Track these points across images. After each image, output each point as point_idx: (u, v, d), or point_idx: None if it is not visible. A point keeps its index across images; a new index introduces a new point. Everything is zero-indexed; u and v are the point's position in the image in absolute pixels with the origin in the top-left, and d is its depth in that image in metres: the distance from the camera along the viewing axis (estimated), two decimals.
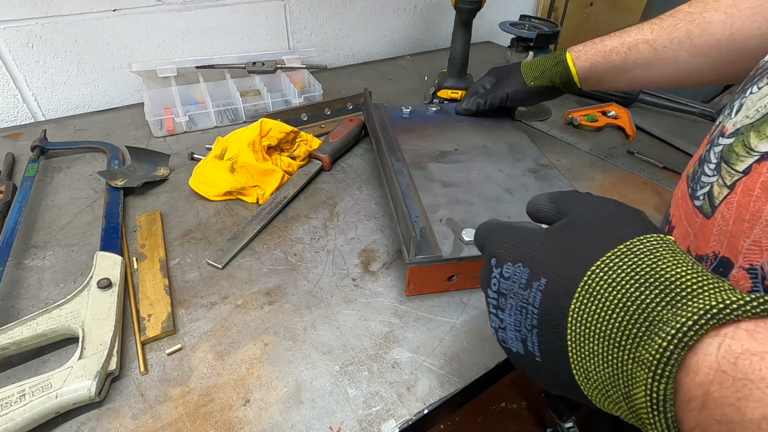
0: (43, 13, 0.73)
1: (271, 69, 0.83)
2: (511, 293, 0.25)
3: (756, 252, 0.24)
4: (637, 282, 0.20)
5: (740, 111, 0.29)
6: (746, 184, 0.25)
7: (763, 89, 0.27)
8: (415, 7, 1.13)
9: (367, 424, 0.35)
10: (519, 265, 0.25)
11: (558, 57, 0.61)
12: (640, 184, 0.66)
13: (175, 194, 0.61)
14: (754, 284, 0.24)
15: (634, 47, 0.54)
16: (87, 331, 0.39)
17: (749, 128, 0.27)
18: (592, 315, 0.21)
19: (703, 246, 0.28)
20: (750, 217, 0.24)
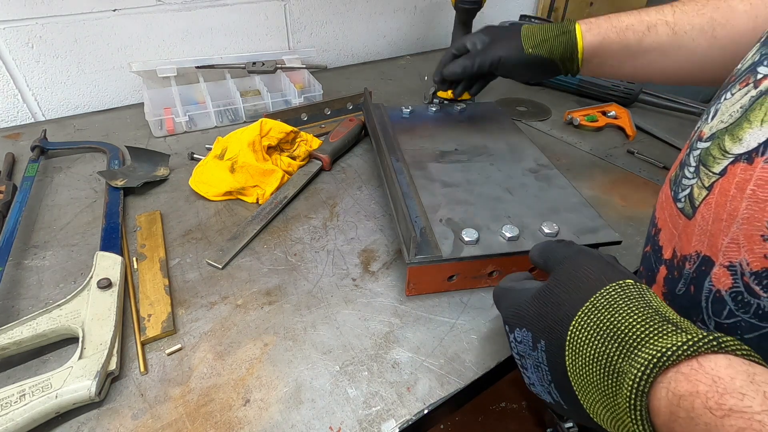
0: (43, 13, 0.73)
1: (271, 69, 0.83)
2: (526, 355, 0.29)
3: (734, 249, 0.25)
4: (602, 337, 0.23)
5: (716, 116, 0.30)
6: (722, 185, 0.26)
7: (736, 95, 0.28)
8: (415, 7, 1.13)
9: (367, 424, 0.35)
10: (524, 329, 0.29)
11: (565, 26, 0.53)
12: (640, 184, 0.66)
13: (175, 194, 0.61)
14: (734, 280, 0.25)
15: (653, 28, 0.49)
16: (87, 331, 0.39)
17: (724, 132, 0.28)
18: (580, 370, 0.24)
19: (687, 246, 0.29)
20: (727, 217, 0.26)
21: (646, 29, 0.49)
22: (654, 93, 0.88)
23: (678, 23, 0.48)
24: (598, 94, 0.89)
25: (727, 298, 0.25)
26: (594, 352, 0.23)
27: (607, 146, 0.76)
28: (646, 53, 0.50)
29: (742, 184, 0.25)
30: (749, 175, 0.25)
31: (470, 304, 0.46)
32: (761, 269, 0.23)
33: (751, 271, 0.24)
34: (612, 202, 0.62)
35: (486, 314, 0.45)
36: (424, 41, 1.21)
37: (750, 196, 0.24)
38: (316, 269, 0.49)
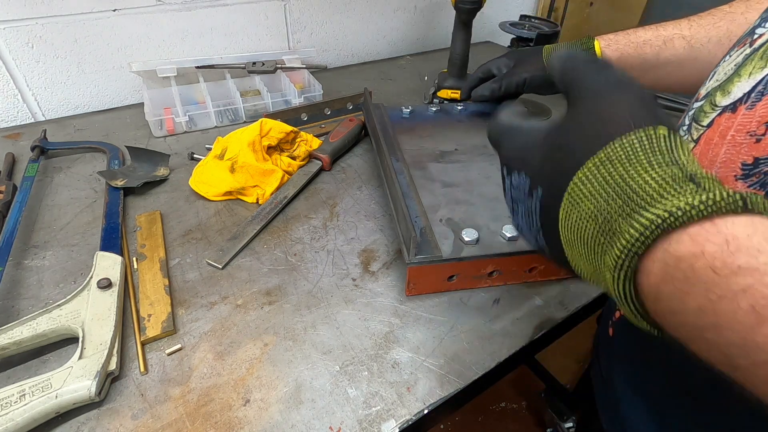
0: (43, 13, 0.73)
1: (271, 69, 0.83)
2: (519, 200, 0.28)
3: None
4: (606, 193, 0.21)
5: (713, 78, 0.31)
6: (707, 135, 0.28)
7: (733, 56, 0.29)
8: (415, 7, 1.13)
9: (367, 424, 0.35)
10: (522, 174, 0.27)
11: (585, 43, 0.56)
12: None
13: (175, 194, 0.61)
14: None
15: (669, 42, 0.50)
16: (87, 331, 0.39)
17: (716, 89, 0.29)
18: (573, 224, 0.23)
19: None
20: (708, 163, 0.27)
21: (662, 43, 0.51)
22: (654, 93, 0.88)
23: (694, 36, 0.49)
24: None
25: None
26: (593, 207, 0.21)
27: None
28: (664, 66, 0.52)
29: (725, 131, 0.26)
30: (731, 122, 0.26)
31: (470, 304, 0.46)
32: None
33: None
34: None
35: (486, 314, 0.45)
36: (424, 41, 1.21)
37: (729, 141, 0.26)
38: (316, 269, 0.49)
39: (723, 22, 0.48)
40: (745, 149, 0.25)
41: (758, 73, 0.26)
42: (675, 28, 0.51)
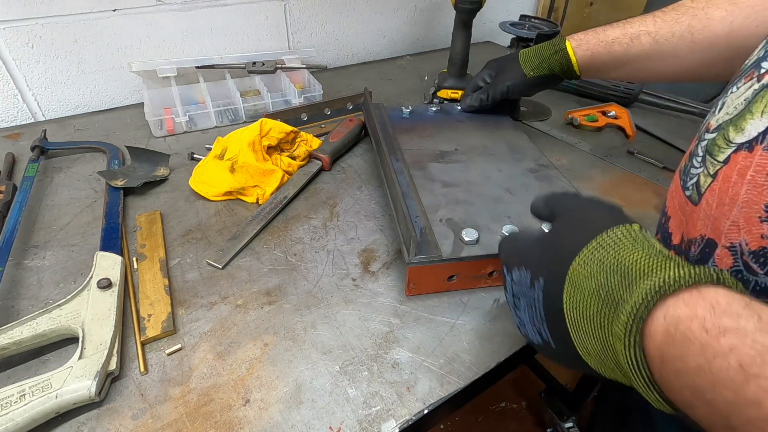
0: (43, 13, 0.73)
1: (271, 69, 0.83)
2: (521, 294, 0.31)
3: (735, 231, 0.26)
4: (605, 271, 0.24)
5: (722, 109, 0.31)
6: (725, 172, 0.28)
7: (741, 89, 0.30)
8: (415, 7, 1.13)
9: (367, 424, 0.35)
10: (522, 268, 0.30)
11: (557, 45, 0.60)
12: (640, 184, 0.66)
13: (175, 194, 0.61)
14: (735, 260, 0.26)
15: (636, 38, 0.54)
16: (87, 331, 0.39)
17: (728, 123, 0.29)
18: (578, 303, 0.25)
19: (692, 231, 0.31)
20: (729, 201, 0.27)
21: (629, 40, 0.55)
22: (654, 93, 0.88)
23: (659, 32, 0.52)
24: (598, 94, 0.89)
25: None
26: (595, 284, 0.24)
27: (607, 146, 0.76)
28: (633, 61, 0.55)
29: (743, 170, 0.26)
30: (749, 161, 0.26)
31: (470, 304, 0.46)
32: (758, 248, 0.25)
33: (749, 251, 0.25)
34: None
35: (486, 314, 0.45)
36: (424, 41, 1.21)
37: (749, 181, 0.26)
38: (316, 269, 0.49)
39: (685, 17, 0.50)
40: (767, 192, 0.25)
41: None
42: (641, 25, 0.54)
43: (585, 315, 0.25)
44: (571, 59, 0.58)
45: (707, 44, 0.49)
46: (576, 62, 0.58)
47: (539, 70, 0.61)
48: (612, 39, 0.56)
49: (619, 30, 0.56)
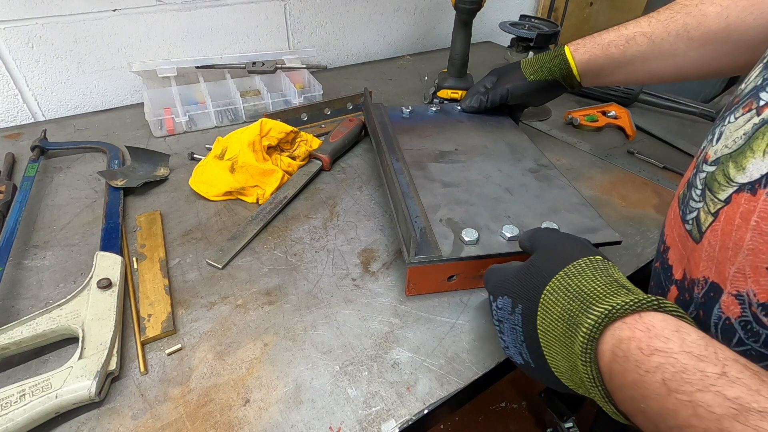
0: (43, 13, 0.73)
1: (271, 69, 0.83)
2: (505, 319, 0.34)
3: (741, 279, 0.26)
4: (569, 298, 0.28)
5: (720, 139, 0.30)
6: (728, 214, 0.27)
7: (739, 120, 0.29)
8: (415, 7, 1.13)
9: (367, 424, 0.35)
10: (505, 296, 0.34)
11: (556, 51, 0.61)
12: (640, 184, 0.66)
13: (175, 194, 0.61)
14: (743, 309, 0.26)
15: (632, 40, 0.54)
16: (87, 331, 0.39)
17: (728, 158, 0.28)
18: (548, 326, 0.29)
19: (695, 270, 0.30)
20: (733, 246, 0.26)
21: (625, 42, 0.55)
22: (654, 93, 0.88)
23: (654, 32, 0.52)
24: (598, 94, 0.89)
25: (737, 326, 0.26)
26: (561, 309, 0.28)
27: (607, 146, 0.76)
28: (631, 62, 0.56)
29: (747, 214, 0.26)
30: (753, 206, 0.25)
31: (470, 304, 0.46)
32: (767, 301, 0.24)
33: (758, 302, 0.25)
34: (612, 202, 0.62)
35: (486, 314, 0.45)
36: (424, 41, 1.21)
37: (754, 227, 0.25)
38: (316, 269, 0.49)
39: (679, 16, 0.51)
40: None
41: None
42: (636, 27, 0.54)
43: (554, 337, 0.28)
44: (570, 63, 0.59)
45: (704, 41, 0.49)
46: (575, 66, 0.59)
47: (539, 74, 0.62)
48: (608, 41, 0.56)
49: (614, 33, 0.56)
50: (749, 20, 0.45)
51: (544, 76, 0.61)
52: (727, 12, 0.47)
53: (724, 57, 0.49)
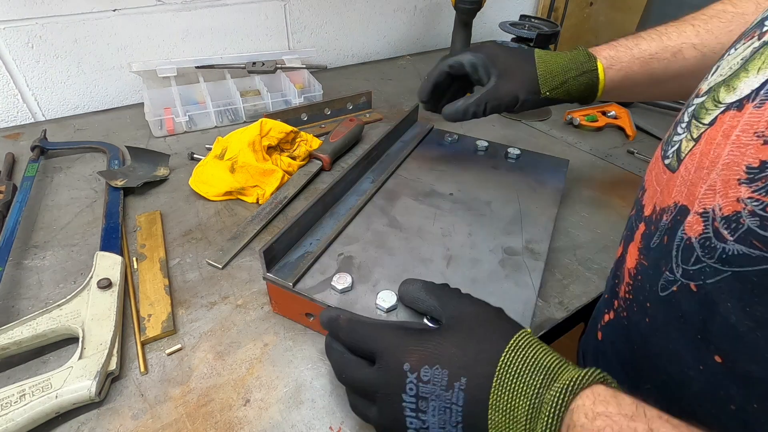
0: (43, 13, 0.73)
1: (271, 69, 0.83)
2: (433, 395, 0.28)
3: (710, 196, 0.25)
4: (530, 370, 0.26)
5: (716, 71, 0.29)
6: (709, 134, 0.26)
7: (739, 49, 0.28)
8: (415, 7, 1.13)
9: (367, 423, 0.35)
10: (437, 367, 0.28)
11: (585, 65, 0.47)
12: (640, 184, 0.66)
13: (175, 194, 0.61)
14: (705, 226, 0.25)
15: (678, 53, 0.45)
16: (87, 331, 0.39)
17: (720, 84, 0.27)
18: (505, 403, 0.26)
19: (666, 199, 0.30)
20: (709, 164, 0.26)
21: (671, 56, 0.46)
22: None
23: (705, 44, 0.44)
24: None
25: (696, 245, 0.26)
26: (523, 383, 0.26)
27: (607, 146, 0.76)
28: (674, 79, 0.47)
29: (729, 130, 0.25)
30: (737, 121, 0.24)
31: None
32: (732, 213, 0.24)
33: (722, 216, 0.24)
34: (612, 202, 0.62)
35: None
36: (424, 41, 1.21)
37: (734, 141, 0.24)
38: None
39: (734, 25, 0.43)
40: (751, 151, 0.23)
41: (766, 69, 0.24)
42: (680, 36, 0.45)
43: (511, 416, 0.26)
44: (599, 84, 0.47)
45: None
46: (603, 86, 0.48)
47: (557, 92, 0.48)
48: (650, 54, 0.46)
49: (656, 43, 0.46)
50: None
51: (561, 95, 0.48)
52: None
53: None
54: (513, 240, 0.47)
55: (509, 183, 0.56)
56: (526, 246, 0.47)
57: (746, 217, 0.23)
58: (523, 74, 0.48)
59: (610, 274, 0.40)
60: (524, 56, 0.49)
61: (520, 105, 0.48)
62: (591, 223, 0.57)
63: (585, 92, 0.48)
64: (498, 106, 0.49)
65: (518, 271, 0.43)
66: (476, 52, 0.50)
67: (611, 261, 0.52)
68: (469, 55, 0.49)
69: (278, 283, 0.40)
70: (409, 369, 0.28)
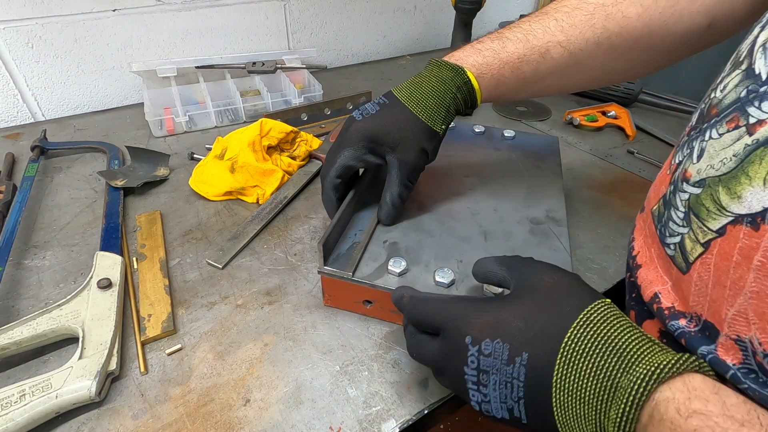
0: (43, 13, 0.73)
1: (271, 69, 0.83)
2: (494, 369, 0.27)
3: (743, 324, 0.23)
4: (601, 351, 0.24)
5: (702, 157, 0.27)
6: (722, 248, 0.24)
7: (725, 137, 0.26)
8: (415, 7, 1.13)
9: (367, 424, 0.35)
10: (498, 341, 0.27)
11: (455, 80, 0.44)
12: (640, 184, 0.66)
13: (175, 194, 0.61)
14: (745, 356, 0.23)
15: (546, 54, 0.43)
16: (87, 331, 0.39)
17: (717, 182, 0.26)
18: (571, 384, 0.24)
19: (683, 303, 0.28)
20: (731, 285, 0.24)
21: (539, 57, 0.44)
22: (654, 93, 0.88)
23: (571, 41, 0.43)
24: (597, 93, 0.89)
25: (738, 374, 0.24)
26: (591, 365, 0.24)
27: (607, 146, 0.76)
28: (543, 79, 0.45)
29: (747, 252, 0.23)
30: (755, 243, 0.23)
31: None
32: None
33: (764, 352, 0.22)
34: (612, 202, 0.62)
35: None
36: (424, 41, 1.21)
37: (759, 268, 0.22)
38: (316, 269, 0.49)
39: (597, 18, 0.42)
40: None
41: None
42: (546, 34, 0.43)
43: (578, 397, 0.24)
44: (476, 92, 0.45)
45: (625, 49, 0.43)
46: (480, 97, 0.45)
47: (449, 118, 0.45)
48: (518, 57, 0.43)
49: (522, 45, 0.44)
50: (670, 23, 0.40)
51: (451, 118, 0.45)
52: (649, 14, 0.40)
53: (640, 65, 0.45)
54: (535, 211, 0.50)
55: (514, 161, 0.60)
56: (548, 215, 0.50)
57: None
58: (411, 130, 0.44)
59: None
60: (395, 111, 0.45)
61: (431, 153, 0.46)
62: (591, 223, 0.57)
63: (468, 103, 0.46)
64: (415, 172, 0.45)
65: (548, 238, 0.46)
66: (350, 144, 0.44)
67: (611, 261, 0.52)
68: (349, 152, 0.44)
69: (335, 274, 0.41)
70: (471, 341, 0.28)
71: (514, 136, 0.65)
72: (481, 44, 0.45)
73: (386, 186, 0.46)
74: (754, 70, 0.26)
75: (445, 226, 0.47)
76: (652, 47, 0.43)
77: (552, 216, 0.49)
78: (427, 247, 0.44)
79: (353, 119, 0.46)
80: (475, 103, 0.46)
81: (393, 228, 0.46)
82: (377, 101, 0.47)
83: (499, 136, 0.65)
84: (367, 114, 0.46)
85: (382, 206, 0.46)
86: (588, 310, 0.26)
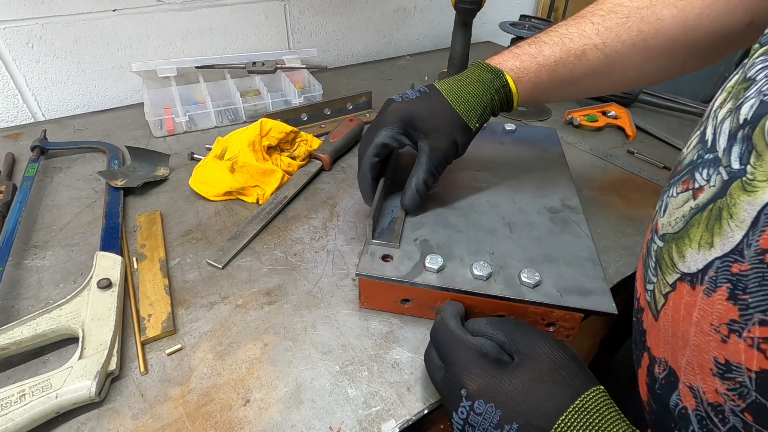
0: (43, 13, 0.73)
1: (271, 69, 0.83)
2: (481, 428, 0.28)
3: (691, 372, 0.24)
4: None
5: (666, 212, 0.29)
6: (674, 302, 0.26)
7: (680, 197, 0.27)
8: (415, 7, 1.13)
9: (367, 424, 0.35)
10: (491, 405, 0.28)
11: (494, 82, 0.45)
12: (640, 184, 0.66)
13: (175, 194, 0.61)
14: (697, 404, 0.24)
15: (582, 56, 0.44)
16: (87, 331, 0.39)
17: (672, 239, 0.27)
18: None
19: (656, 348, 0.29)
20: (681, 336, 0.25)
21: (576, 59, 0.45)
22: (654, 93, 0.88)
23: (607, 44, 0.44)
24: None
25: (693, 419, 0.25)
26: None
27: (607, 146, 0.76)
28: (579, 81, 0.47)
29: (689, 308, 0.24)
30: (693, 300, 0.24)
31: None
32: (715, 402, 0.23)
33: (707, 401, 0.23)
34: (612, 202, 0.62)
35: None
36: (424, 41, 1.21)
37: (696, 323, 0.24)
38: (316, 269, 0.49)
39: (632, 21, 0.43)
40: (714, 345, 0.22)
41: (706, 250, 0.23)
42: (583, 38, 0.44)
43: None
44: (513, 95, 0.46)
45: (661, 50, 0.43)
46: (517, 100, 0.47)
47: (484, 117, 0.46)
48: (554, 61, 0.45)
49: (559, 48, 0.45)
50: (706, 23, 0.40)
51: (487, 118, 0.47)
52: (684, 15, 0.41)
53: (677, 65, 0.45)
54: (550, 201, 0.51)
55: (520, 153, 0.61)
56: (563, 203, 0.51)
57: (729, 414, 0.22)
58: (447, 120, 0.45)
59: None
60: (434, 101, 0.46)
61: (461, 147, 0.46)
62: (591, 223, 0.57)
63: (504, 106, 0.47)
64: (443, 161, 0.46)
65: (568, 225, 0.48)
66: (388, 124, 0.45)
67: (611, 261, 0.52)
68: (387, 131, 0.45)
69: (374, 277, 0.41)
70: (466, 395, 0.29)
71: (515, 130, 0.66)
72: (519, 49, 0.47)
73: (413, 172, 0.46)
74: (705, 135, 0.27)
75: (470, 220, 0.48)
76: (690, 47, 0.43)
77: (567, 204, 0.51)
78: (458, 241, 0.45)
79: (392, 101, 0.47)
80: (511, 105, 0.47)
81: (421, 225, 0.47)
82: (419, 89, 0.48)
83: (501, 130, 0.66)
84: (407, 98, 0.47)
85: (406, 191, 0.47)
86: (584, 396, 0.27)
